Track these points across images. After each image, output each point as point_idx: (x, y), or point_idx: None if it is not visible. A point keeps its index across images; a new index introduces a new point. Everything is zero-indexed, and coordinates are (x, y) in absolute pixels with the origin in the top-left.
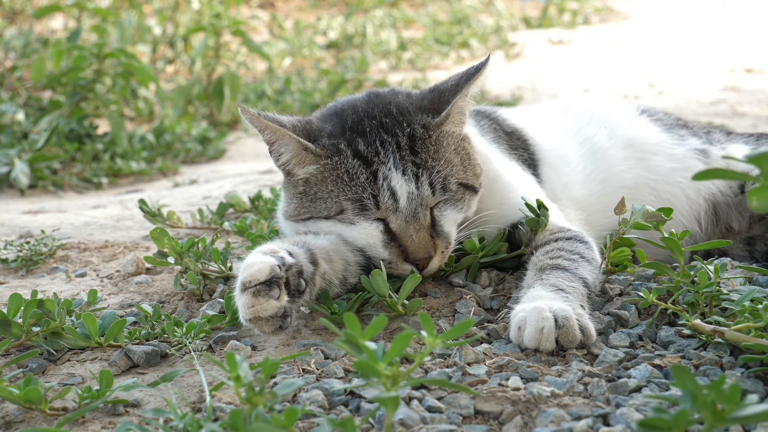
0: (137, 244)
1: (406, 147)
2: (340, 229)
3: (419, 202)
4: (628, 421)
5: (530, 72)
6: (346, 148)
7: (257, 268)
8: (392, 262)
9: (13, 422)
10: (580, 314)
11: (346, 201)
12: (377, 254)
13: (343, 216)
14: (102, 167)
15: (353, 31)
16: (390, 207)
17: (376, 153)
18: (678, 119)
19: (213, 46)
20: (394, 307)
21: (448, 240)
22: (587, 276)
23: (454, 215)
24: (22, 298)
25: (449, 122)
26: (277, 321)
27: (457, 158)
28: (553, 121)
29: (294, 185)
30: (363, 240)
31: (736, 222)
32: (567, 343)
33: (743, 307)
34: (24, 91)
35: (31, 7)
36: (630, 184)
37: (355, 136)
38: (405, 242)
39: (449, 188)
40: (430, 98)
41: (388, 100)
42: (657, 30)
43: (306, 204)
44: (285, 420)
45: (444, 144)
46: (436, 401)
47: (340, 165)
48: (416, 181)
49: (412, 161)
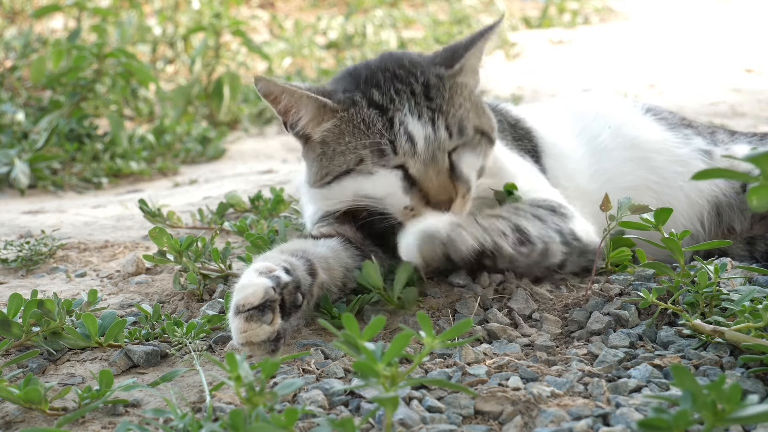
0: (137, 244)
1: (420, 94)
2: (362, 183)
3: (437, 145)
4: (628, 421)
5: (530, 72)
6: (361, 99)
7: (251, 291)
8: (414, 207)
9: (13, 422)
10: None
11: (365, 150)
12: (399, 202)
13: (362, 166)
14: (102, 167)
15: (353, 31)
16: (408, 151)
17: (391, 100)
18: (683, 118)
19: (213, 46)
20: (390, 300)
21: (468, 184)
22: (527, 226)
23: (473, 160)
24: (22, 298)
25: (462, 74)
26: (270, 345)
27: (471, 106)
28: (558, 117)
29: (312, 150)
30: (383, 189)
31: (738, 223)
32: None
33: (743, 307)
34: (24, 91)
35: (31, 7)
36: (632, 185)
37: (370, 88)
38: (425, 186)
39: (466, 132)
40: (443, 55)
41: (401, 56)
42: (657, 30)
43: (325, 164)
44: (285, 420)
45: (458, 91)
46: (436, 401)
47: (356, 115)
48: (432, 124)
49: (428, 106)
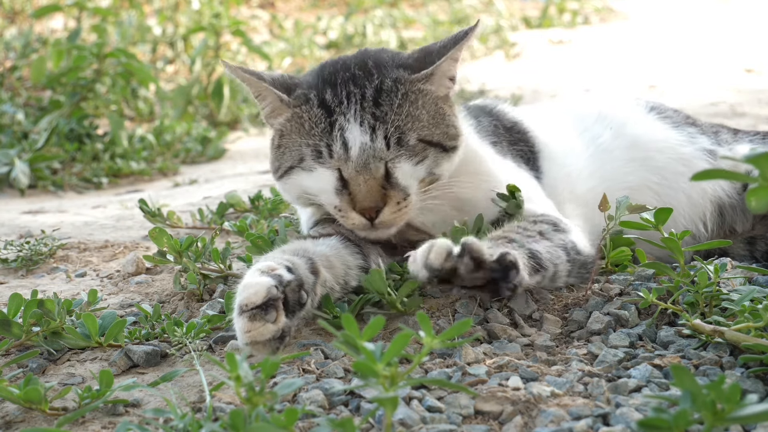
0: (137, 244)
1: (370, 99)
2: (303, 179)
3: (372, 153)
4: (628, 421)
5: (530, 72)
6: (314, 98)
7: (253, 291)
8: (342, 209)
9: (13, 422)
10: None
11: (307, 148)
12: (330, 201)
13: (304, 164)
14: (102, 167)
15: (353, 31)
16: (342, 156)
17: (339, 103)
18: (687, 116)
19: (213, 46)
20: (393, 305)
21: (405, 192)
22: (540, 250)
23: (412, 170)
24: (22, 298)
25: (428, 81)
26: (275, 343)
27: (426, 115)
28: (558, 119)
29: (273, 140)
30: (318, 186)
31: (740, 225)
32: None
33: (743, 307)
34: (24, 91)
35: (31, 7)
36: (634, 186)
37: (326, 87)
38: (354, 191)
39: (407, 144)
40: (416, 57)
41: (369, 55)
42: (657, 30)
43: (278, 156)
44: (285, 420)
45: (412, 99)
46: (436, 401)
47: (305, 114)
48: (371, 133)
49: (372, 113)
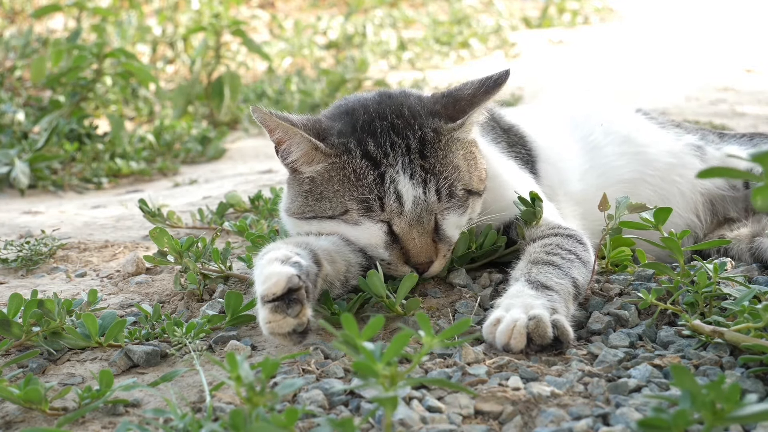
0: (137, 244)
1: (416, 150)
2: (344, 230)
3: (425, 207)
4: (628, 420)
5: (530, 72)
6: (355, 148)
7: (274, 281)
8: (392, 263)
9: (13, 422)
10: (556, 314)
11: (352, 201)
12: (377, 255)
13: (348, 216)
14: (102, 167)
15: (353, 31)
16: (395, 210)
17: (386, 155)
18: (672, 119)
19: (213, 46)
20: (392, 307)
21: (450, 243)
22: (578, 277)
23: (458, 220)
24: (22, 298)
25: (462, 130)
26: (297, 338)
27: (464, 164)
28: (550, 119)
29: (299, 183)
30: (365, 240)
31: (733, 212)
32: (538, 338)
33: (743, 307)
34: (24, 91)
35: (31, 7)
36: (627, 178)
37: (366, 136)
38: (407, 246)
39: (455, 194)
40: (443, 103)
41: (400, 102)
42: (657, 30)
43: (311, 203)
44: (285, 420)
45: (453, 149)
46: (436, 401)
47: (348, 164)
48: (424, 186)
49: (421, 165)
